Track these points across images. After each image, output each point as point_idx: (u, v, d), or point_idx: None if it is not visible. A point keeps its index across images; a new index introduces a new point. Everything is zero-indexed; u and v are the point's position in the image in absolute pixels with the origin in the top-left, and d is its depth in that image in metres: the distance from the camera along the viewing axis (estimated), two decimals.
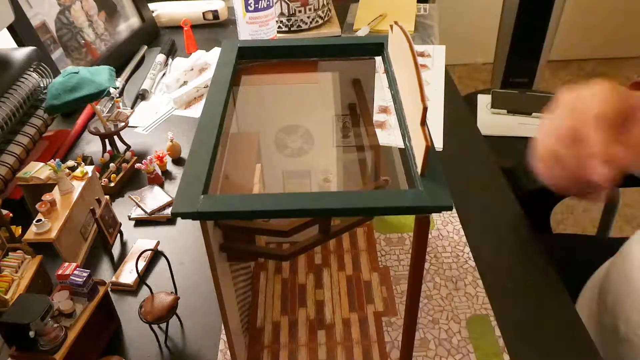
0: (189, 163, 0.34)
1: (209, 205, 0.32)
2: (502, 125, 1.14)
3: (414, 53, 0.35)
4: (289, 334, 0.48)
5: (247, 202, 0.33)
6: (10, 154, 0.66)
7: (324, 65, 0.50)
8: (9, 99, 0.68)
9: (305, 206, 0.32)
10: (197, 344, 0.49)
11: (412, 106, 0.36)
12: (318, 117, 0.55)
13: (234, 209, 0.32)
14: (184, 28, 1.00)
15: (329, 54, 0.49)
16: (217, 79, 0.43)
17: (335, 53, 0.49)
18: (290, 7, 1.02)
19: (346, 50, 0.49)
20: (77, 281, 0.45)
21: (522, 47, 1.95)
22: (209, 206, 0.32)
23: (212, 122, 0.38)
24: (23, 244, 0.54)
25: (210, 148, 0.35)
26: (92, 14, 0.95)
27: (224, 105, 0.40)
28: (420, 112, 0.32)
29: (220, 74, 0.43)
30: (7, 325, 0.41)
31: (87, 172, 0.59)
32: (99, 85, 0.68)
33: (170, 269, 0.49)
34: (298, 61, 0.49)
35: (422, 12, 1.15)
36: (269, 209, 0.32)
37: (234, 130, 0.48)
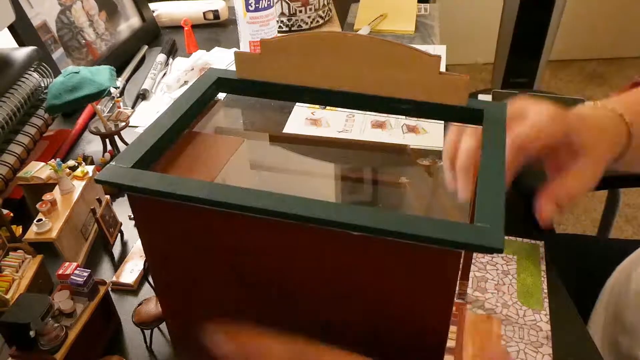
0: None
1: (130, 179, 0.31)
2: None
3: (373, 37, 0.36)
4: None
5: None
6: (11, 154, 0.66)
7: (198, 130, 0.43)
8: (10, 99, 0.68)
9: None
10: None
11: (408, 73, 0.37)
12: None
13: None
14: (185, 28, 1.00)
15: (182, 124, 0.41)
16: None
17: (187, 119, 0.41)
18: (291, 7, 1.02)
19: (193, 110, 0.41)
20: (77, 281, 0.45)
21: (522, 47, 1.95)
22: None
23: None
24: (24, 244, 0.54)
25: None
26: (92, 13, 0.95)
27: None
28: (437, 65, 0.35)
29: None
30: (8, 325, 0.41)
31: (87, 171, 0.59)
32: (100, 85, 0.68)
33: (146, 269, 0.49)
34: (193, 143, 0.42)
35: (422, 12, 1.15)
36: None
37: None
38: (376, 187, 0.52)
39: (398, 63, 0.37)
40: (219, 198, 0.30)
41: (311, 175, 0.51)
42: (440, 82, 0.36)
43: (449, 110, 0.37)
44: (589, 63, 2.63)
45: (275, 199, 0.29)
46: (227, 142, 0.43)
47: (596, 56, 2.64)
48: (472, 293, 0.50)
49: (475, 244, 0.27)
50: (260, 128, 0.56)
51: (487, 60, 2.47)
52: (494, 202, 0.29)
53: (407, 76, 0.37)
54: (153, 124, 0.39)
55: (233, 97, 0.43)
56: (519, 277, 0.51)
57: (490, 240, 0.27)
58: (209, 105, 0.43)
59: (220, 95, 0.44)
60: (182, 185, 0.31)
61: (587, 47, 2.61)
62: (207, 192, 0.30)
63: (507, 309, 0.49)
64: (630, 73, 2.49)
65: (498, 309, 0.49)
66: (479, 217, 0.28)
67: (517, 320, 0.48)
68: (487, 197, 0.30)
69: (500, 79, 2.04)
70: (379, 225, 0.28)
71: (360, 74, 0.38)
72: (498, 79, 2.05)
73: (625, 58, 2.63)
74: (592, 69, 2.60)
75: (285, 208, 0.29)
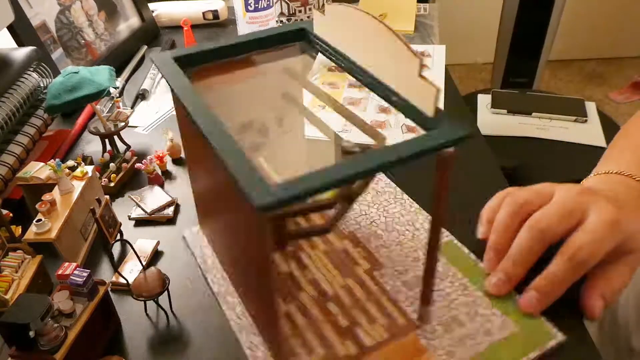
0: (233, 166, 0.34)
1: (286, 192, 0.32)
2: (502, 125, 1.14)
3: (380, 20, 0.39)
4: (304, 316, 0.50)
5: (313, 180, 0.33)
6: (10, 154, 0.66)
7: (259, 58, 0.53)
8: (9, 99, 0.68)
9: (363, 168, 0.34)
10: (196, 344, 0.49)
11: (395, 67, 0.39)
12: (266, 109, 0.58)
13: (313, 187, 0.32)
14: (184, 28, 1.00)
15: (256, 47, 0.51)
16: (180, 91, 0.43)
17: (262, 45, 0.52)
18: (290, 6, 1.02)
19: (271, 40, 0.52)
20: (77, 281, 0.45)
21: (522, 47, 1.95)
22: (286, 192, 0.32)
23: (218, 130, 0.38)
24: (23, 244, 0.54)
25: (236, 147, 0.36)
26: (92, 13, 0.95)
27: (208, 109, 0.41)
28: (415, 67, 0.37)
29: (179, 85, 0.44)
30: (7, 325, 0.41)
31: (87, 172, 0.59)
32: (99, 85, 0.68)
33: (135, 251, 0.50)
34: (234, 60, 0.51)
35: (422, 12, 1.15)
36: (335, 179, 0.33)
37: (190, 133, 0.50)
38: None
39: (395, 55, 0.39)
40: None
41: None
42: (417, 85, 0.38)
43: (420, 117, 0.39)
44: (588, 63, 2.63)
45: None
46: (253, 70, 0.51)
47: (596, 56, 2.64)
48: (435, 324, 0.49)
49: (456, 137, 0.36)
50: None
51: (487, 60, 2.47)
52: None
53: (399, 70, 0.40)
54: (223, 41, 0.50)
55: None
56: (495, 344, 0.47)
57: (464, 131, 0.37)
58: (287, 47, 0.52)
59: None
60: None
61: (587, 47, 2.62)
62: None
63: (449, 357, 0.46)
64: (630, 73, 2.49)
65: (440, 352, 0.47)
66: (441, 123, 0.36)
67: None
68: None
69: (500, 78, 2.04)
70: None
71: (371, 54, 0.43)
72: (498, 79, 2.05)
73: (625, 58, 2.63)
74: (592, 68, 2.60)
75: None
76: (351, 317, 0.50)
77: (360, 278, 0.53)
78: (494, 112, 1.17)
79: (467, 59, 2.62)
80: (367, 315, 0.50)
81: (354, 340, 0.48)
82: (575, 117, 1.14)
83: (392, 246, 0.57)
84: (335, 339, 0.48)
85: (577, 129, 1.13)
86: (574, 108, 1.17)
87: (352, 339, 0.48)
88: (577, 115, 1.14)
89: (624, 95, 2.36)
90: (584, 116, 1.14)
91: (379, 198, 0.64)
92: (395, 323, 0.49)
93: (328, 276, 0.54)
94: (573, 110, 1.16)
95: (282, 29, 0.52)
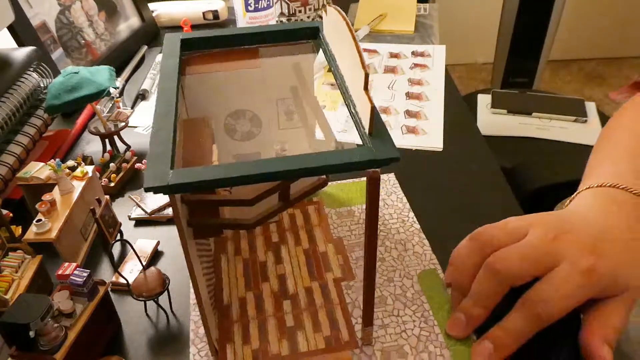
0: (153, 144, 0.36)
1: (179, 178, 0.34)
2: (502, 125, 1.14)
3: (349, 26, 0.39)
4: (256, 307, 0.50)
5: (214, 172, 0.34)
6: (10, 154, 0.66)
7: (266, 51, 0.53)
8: (9, 99, 0.68)
9: (269, 169, 0.34)
10: None
11: (353, 76, 0.39)
12: (264, 101, 0.58)
13: (203, 179, 0.34)
14: (184, 28, 1.00)
15: (268, 40, 0.52)
16: (165, 70, 0.45)
17: (273, 39, 0.52)
18: (290, 7, 1.02)
19: (284, 35, 0.52)
20: (77, 281, 0.45)
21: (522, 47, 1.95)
22: (179, 179, 0.33)
23: (168, 108, 0.40)
24: (23, 244, 0.54)
25: (171, 130, 0.37)
26: (92, 14, 0.95)
27: (176, 92, 0.42)
28: (363, 79, 0.36)
29: (167, 65, 0.45)
30: (7, 325, 0.41)
31: (87, 172, 0.59)
32: (99, 85, 0.68)
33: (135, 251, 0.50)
34: (240, 49, 0.52)
35: (422, 12, 1.15)
36: (234, 175, 0.34)
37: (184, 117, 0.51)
38: None
39: (352, 64, 0.40)
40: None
41: None
42: (362, 98, 0.38)
43: (360, 129, 0.39)
44: (588, 63, 2.64)
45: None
46: (200, 123, 0.51)
47: (596, 56, 2.64)
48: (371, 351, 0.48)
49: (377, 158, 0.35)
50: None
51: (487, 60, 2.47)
52: (380, 129, 0.36)
53: (354, 80, 0.40)
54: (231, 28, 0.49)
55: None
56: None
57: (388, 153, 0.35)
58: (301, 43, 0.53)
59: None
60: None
61: (587, 47, 2.62)
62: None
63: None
64: (630, 73, 2.49)
65: None
66: (374, 141, 0.35)
67: None
68: None
69: (500, 78, 2.04)
70: None
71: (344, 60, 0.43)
72: (498, 79, 2.06)
73: (625, 58, 2.63)
74: (592, 68, 2.60)
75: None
76: (299, 319, 0.49)
77: (326, 284, 0.52)
78: (494, 112, 1.17)
79: (467, 59, 2.62)
80: (314, 322, 0.48)
81: (290, 342, 0.47)
82: (575, 117, 1.14)
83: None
84: (274, 335, 0.47)
85: (577, 129, 1.13)
86: (574, 108, 1.17)
87: (289, 341, 0.47)
88: (577, 115, 1.14)
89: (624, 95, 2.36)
90: (584, 116, 1.14)
91: (383, 211, 0.63)
92: (338, 337, 0.47)
93: (296, 275, 0.53)
94: (573, 110, 1.16)
95: (295, 25, 0.53)
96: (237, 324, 0.48)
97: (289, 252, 0.56)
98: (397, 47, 1.00)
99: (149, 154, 0.36)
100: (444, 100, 0.83)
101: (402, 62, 0.94)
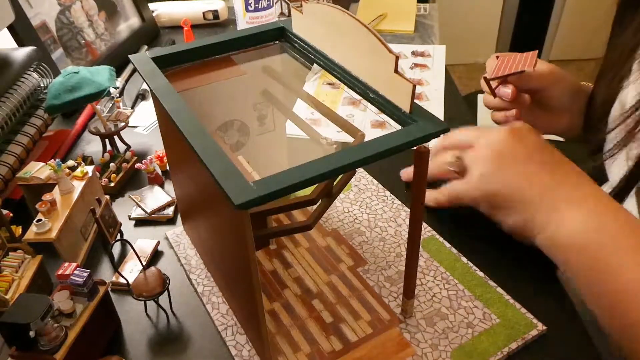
0: (211, 164, 0.35)
1: (264, 188, 0.32)
2: None
3: (356, 18, 0.39)
4: (289, 315, 0.51)
5: (292, 176, 0.33)
6: (11, 154, 0.66)
7: (239, 57, 0.53)
8: (9, 99, 0.68)
9: (345, 161, 0.34)
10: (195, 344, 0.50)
11: (373, 64, 0.40)
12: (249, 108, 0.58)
13: (287, 184, 0.33)
14: (184, 28, 1.00)
15: (235, 47, 0.52)
16: (160, 90, 0.43)
17: (240, 45, 0.52)
18: (291, 7, 1.02)
19: (249, 41, 0.52)
20: (77, 281, 0.45)
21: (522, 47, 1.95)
22: (264, 189, 0.32)
23: (195, 127, 0.38)
24: (23, 244, 0.54)
25: (216, 145, 0.36)
26: (92, 14, 0.95)
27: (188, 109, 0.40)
28: (392, 63, 0.37)
29: (158, 85, 0.44)
30: (7, 325, 0.41)
31: (87, 172, 0.59)
32: (99, 85, 0.68)
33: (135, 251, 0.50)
34: (211, 60, 0.52)
35: (422, 12, 1.15)
36: (315, 174, 0.33)
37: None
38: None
39: (367, 50, 0.40)
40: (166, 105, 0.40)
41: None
42: (393, 81, 0.38)
43: (397, 112, 0.40)
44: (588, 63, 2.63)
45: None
46: (233, 70, 0.51)
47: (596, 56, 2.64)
48: (418, 318, 0.50)
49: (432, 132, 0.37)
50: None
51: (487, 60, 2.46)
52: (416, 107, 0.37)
53: (372, 65, 0.40)
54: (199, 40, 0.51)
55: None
56: (477, 337, 0.48)
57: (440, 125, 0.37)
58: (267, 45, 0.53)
59: None
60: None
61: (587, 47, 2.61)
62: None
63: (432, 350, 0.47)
64: None
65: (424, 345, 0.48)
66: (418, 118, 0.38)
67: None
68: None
69: None
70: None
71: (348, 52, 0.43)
72: None
73: None
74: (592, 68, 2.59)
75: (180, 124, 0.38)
76: (335, 313, 0.50)
77: (344, 275, 0.54)
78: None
79: (468, 59, 2.62)
80: (351, 312, 0.50)
81: (338, 336, 0.48)
82: None
83: (375, 242, 0.58)
84: (320, 335, 0.48)
85: None
86: None
87: (336, 335, 0.48)
88: None
89: None
90: None
91: (361, 195, 0.65)
92: (379, 318, 0.49)
93: (312, 274, 0.54)
94: None
95: (260, 28, 0.53)
96: (278, 335, 0.49)
97: (294, 255, 0.57)
98: (397, 47, 1.00)
99: (215, 173, 0.34)
100: (444, 100, 0.83)
101: (402, 62, 0.94)
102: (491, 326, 0.49)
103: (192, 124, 0.38)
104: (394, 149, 0.36)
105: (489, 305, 0.51)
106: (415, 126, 0.37)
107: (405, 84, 0.37)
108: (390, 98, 0.40)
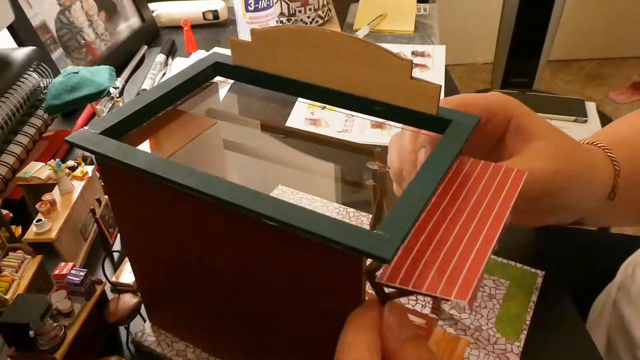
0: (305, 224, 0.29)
1: (396, 233, 0.27)
2: None
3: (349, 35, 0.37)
4: None
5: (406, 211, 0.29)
6: (10, 154, 0.66)
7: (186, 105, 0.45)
8: (9, 99, 0.68)
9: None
10: None
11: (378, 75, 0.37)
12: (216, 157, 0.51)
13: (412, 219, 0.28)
14: (184, 28, 1.00)
15: (172, 100, 0.43)
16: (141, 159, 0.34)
17: (179, 95, 0.43)
18: (291, 7, 1.02)
19: (185, 87, 0.43)
20: (74, 281, 0.45)
21: (522, 47, 1.95)
22: (397, 234, 0.27)
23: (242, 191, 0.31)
24: (23, 244, 0.54)
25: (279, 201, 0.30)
26: (92, 14, 0.95)
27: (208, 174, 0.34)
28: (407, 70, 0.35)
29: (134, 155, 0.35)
30: (7, 325, 0.41)
31: (87, 172, 0.59)
32: (99, 85, 0.68)
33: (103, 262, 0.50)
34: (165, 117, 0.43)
35: (422, 12, 1.15)
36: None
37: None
38: (342, 186, 0.59)
39: (371, 63, 0.37)
40: (157, 171, 0.32)
41: (280, 164, 0.57)
42: (411, 87, 0.36)
43: (419, 117, 0.37)
44: (588, 63, 2.63)
45: (202, 180, 0.31)
46: (200, 122, 0.45)
47: (596, 56, 2.64)
48: (448, 310, 0.50)
49: (363, 250, 0.26)
50: (253, 116, 0.58)
51: (487, 60, 2.47)
52: (406, 213, 0.29)
53: (379, 77, 0.38)
54: (136, 98, 0.41)
55: (244, 86, 0.45)
56: (504, 304, 0.50)
57: (380, 250, 0.26)
58: (204, 87, 0.45)
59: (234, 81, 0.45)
60: (133, 155, 0.34)
61: (587, 47, 2.62)
62: (150, 165, 0.33)
63: (479, 332, 0.48)
64: (630, 73, 2.49)
65: (470, 331, 0.48)
66: (383, 225, 0.28)
67: (486, 347, 0.47)
68: (403, 207, 0.29)
69: (500, 79, 2.05)
70: (284, 218, 0.28)
71: (337, 71, 0.39)
72: (498, 79, 2.06)
73: (625, 58, 2.63)
74: (592, 69, 2.60)
75: (205, 188, 0.31)
76: None
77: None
78: None
79: (467, 59, 2.62)
80: None
81: None
82: (575, 117, 1.14)
83: None
84: None
85: (577, 129, 1.13)
86: (574, 108, 1.17)
87: None
88: (577, 115, 1.14)
89: (624, 96, 2.36)
90: (584, 116, 1.14)
91: None
92: (419, 326, 0.47)
93: None
94: (573, 110, 1.16)
95: (192, 71, 0.44)
96: None
97: None
98: (397, 47, 1.00)
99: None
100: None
101: None
102: (507, 290, 0.51)
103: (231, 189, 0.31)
104: (459, 153, 0.34)
105: (492, 272, 0.52)
106: (455, 125, 0.36)
107: (430, 86, 0.35)
108: (407, 106, 0.37)
